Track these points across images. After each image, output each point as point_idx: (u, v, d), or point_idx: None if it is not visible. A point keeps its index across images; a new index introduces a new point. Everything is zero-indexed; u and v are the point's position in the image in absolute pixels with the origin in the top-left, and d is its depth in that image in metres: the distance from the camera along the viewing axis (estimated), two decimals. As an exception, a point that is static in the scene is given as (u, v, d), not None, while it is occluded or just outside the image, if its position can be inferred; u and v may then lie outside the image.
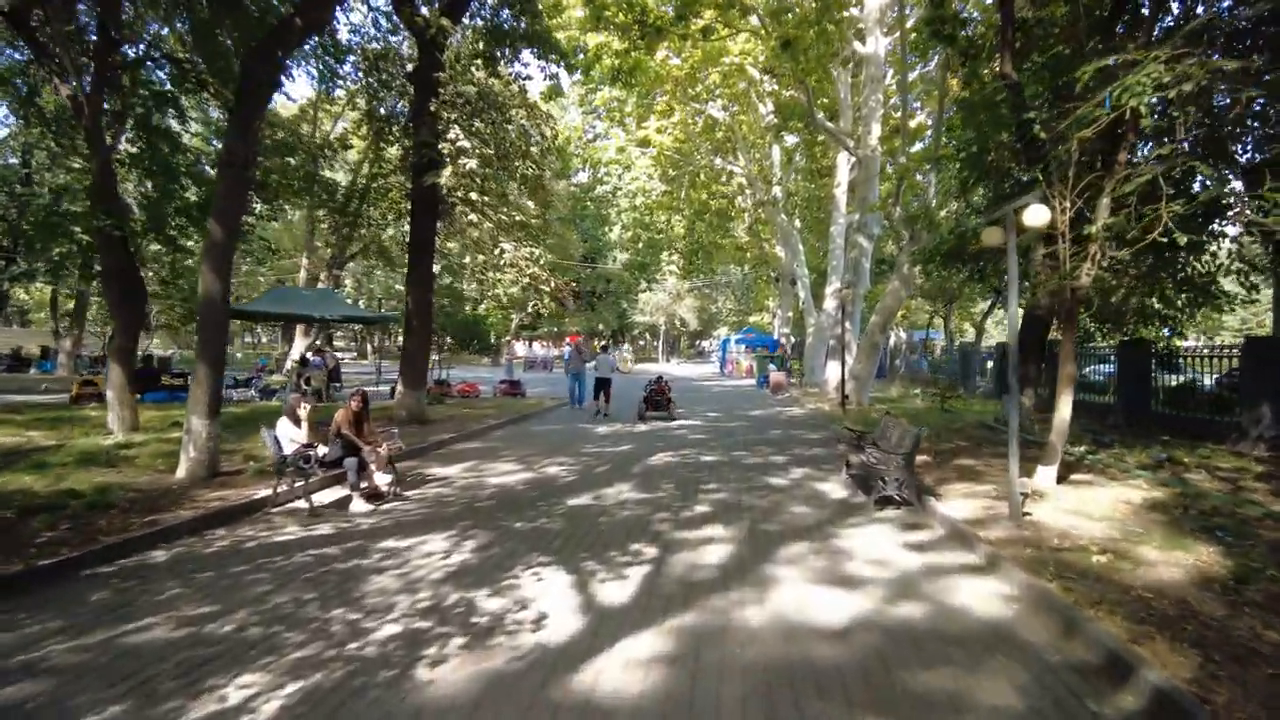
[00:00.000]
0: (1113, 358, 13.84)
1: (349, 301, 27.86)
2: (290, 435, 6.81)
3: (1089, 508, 6.49)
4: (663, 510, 6.63)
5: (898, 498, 6.75)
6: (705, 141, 27.50)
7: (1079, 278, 7.03)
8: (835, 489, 7.72)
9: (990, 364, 23.10)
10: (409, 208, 12.43)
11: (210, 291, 7.65)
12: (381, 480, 7.18)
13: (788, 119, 27.37)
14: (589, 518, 6.33)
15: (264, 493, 6.77)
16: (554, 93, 18.87)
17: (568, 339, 50.21)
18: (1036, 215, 5.52)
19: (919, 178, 18.20)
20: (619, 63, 18.85)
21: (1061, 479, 7.57)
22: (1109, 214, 6.83)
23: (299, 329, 27.28)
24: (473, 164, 10.23)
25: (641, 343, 73.33)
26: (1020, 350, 13.64)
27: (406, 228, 13.70)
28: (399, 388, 12.53)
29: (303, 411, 6.88)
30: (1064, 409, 7.33)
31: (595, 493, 7.41)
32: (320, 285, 25.10)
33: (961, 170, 13.11)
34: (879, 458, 6.82)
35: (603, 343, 25.97)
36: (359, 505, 6.74)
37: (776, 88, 24.60)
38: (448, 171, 10.36)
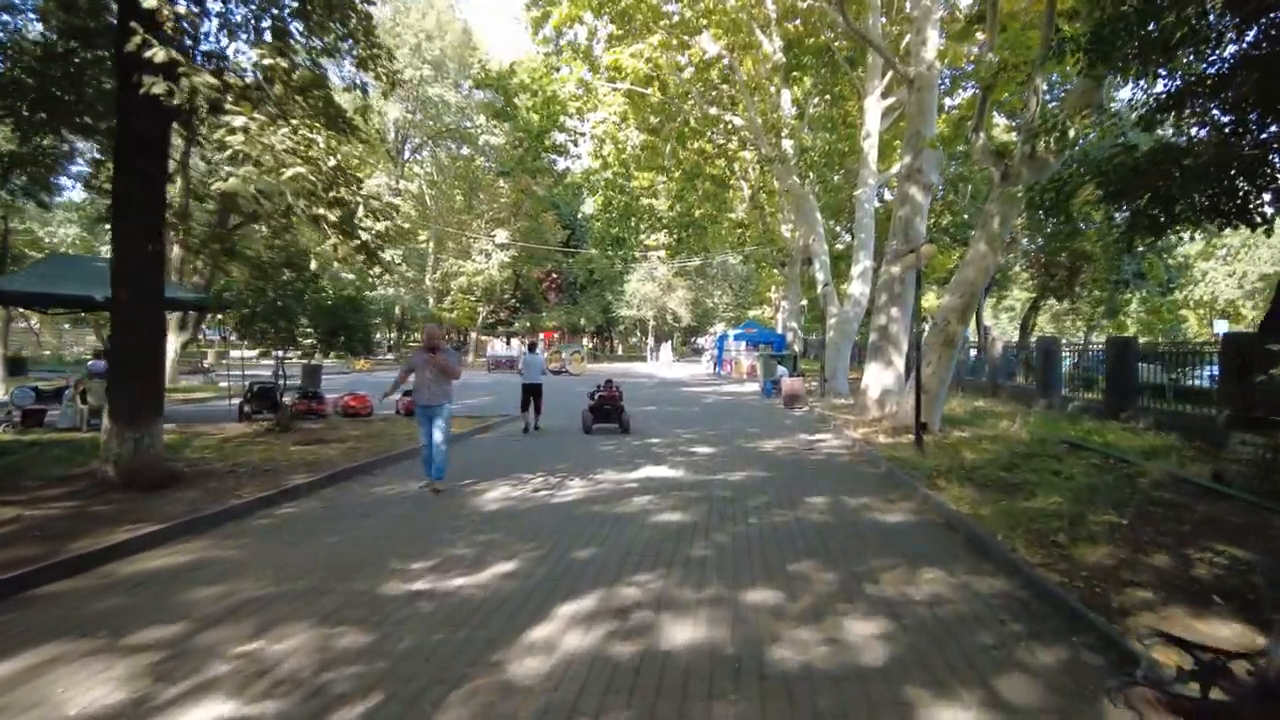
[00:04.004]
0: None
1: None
2: None
3: None
4: None
5: None
6: (697, 84, 21.57)
7: None
8: None
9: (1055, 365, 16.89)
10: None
11: None
12: None
13: (802, 56, 21.62)
14: None
15: None
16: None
17: (521, 337, 44.26)
18: None
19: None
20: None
21: None
22: None
23: (172, 318, 21.22)
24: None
25: (634, 340, 67.46)
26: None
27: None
28: (105, 421, 6.61)
29: None
30: None
31: None
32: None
33: (1137, 22, 7.23)
34: None
35: (530, 340, 20.81)
36: None
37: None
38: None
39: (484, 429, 12.01)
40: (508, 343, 45.67)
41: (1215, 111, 7.78)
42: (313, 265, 11.18)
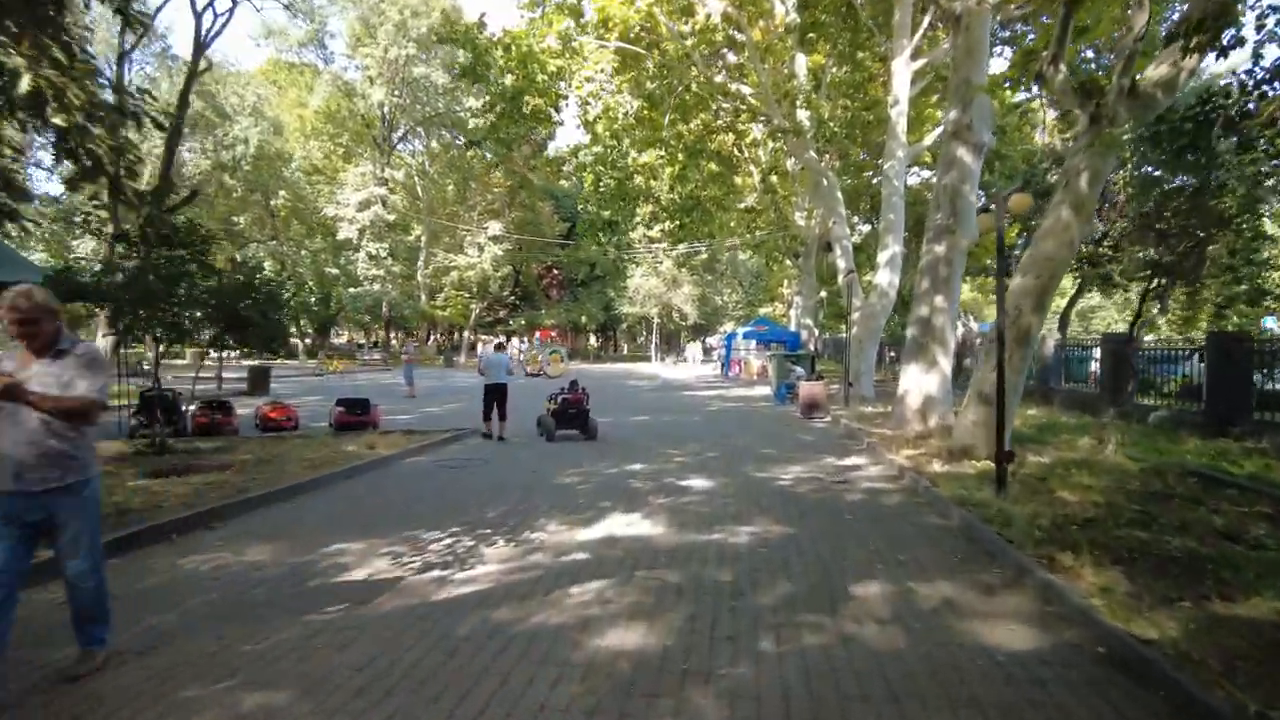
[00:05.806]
0: None
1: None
2: None
3: None
4: None
5: None
6: (700, 47, 18.96)
7: None
8: None
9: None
10: None
11: None
12: None
13: (819, 15, 18.94)
14: None
15: None
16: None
17: (520, 336, 41.78)
18: None
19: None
20: None
21: None
22: None
23: (101, 317, 18.85)
24: None
25: (640, 339, 64.94)
26: None
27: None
28: None
29: None
30: None
31: None
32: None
33: None
34: None
35: (495, 339, 18.64)
36: None
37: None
38: None
39: (420, 449, 9.45)
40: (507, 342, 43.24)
41: None
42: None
